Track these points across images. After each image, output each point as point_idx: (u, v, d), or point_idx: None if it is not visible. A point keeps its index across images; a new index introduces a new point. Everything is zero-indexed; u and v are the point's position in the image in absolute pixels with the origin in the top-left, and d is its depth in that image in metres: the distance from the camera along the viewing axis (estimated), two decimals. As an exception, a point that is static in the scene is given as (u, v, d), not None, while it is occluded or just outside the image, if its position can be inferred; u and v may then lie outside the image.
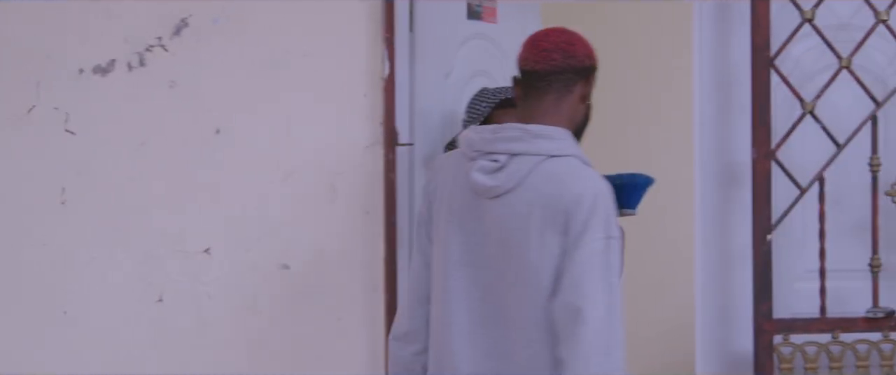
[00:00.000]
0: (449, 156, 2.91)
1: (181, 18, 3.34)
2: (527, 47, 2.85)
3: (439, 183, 2.85)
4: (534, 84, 2.83)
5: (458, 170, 2.82)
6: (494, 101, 3.51)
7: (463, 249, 2.79)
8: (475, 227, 2.78)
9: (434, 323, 2.84)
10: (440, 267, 2.81)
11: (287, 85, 3.33)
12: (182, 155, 3.35)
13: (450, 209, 2.81)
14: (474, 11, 3.82)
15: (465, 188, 2.78)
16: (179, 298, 3.35)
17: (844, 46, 3.70)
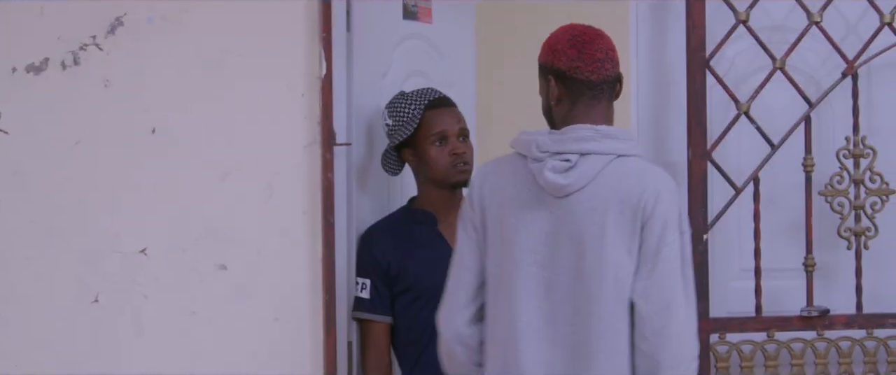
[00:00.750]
0: (498, 162, 2.98)
1: (116, 17, 3.32)
2: (573, 53, 2.91)
3: (492, 188, 2.92)
4: (584, 92, 2.92)
5: (515, 172, 2.90)
6: (423, 103, 3.52)
7: (528, 249, 2.86)
8: (542, 227, 2.86)
9: (496, 324, 2.91)
10: (503, 269, 2.88)
11: (223, 84, 3.31)
12: (118, 154, 3.32)
13: (511, 211, 2.88)
14: (410, 11, 3.82)
15: (529, 188, 2.87)
16: (116, 299, 3.32)
17: (778, 48, 3.74)
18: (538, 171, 2.84)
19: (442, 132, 3.51)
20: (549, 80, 2.94)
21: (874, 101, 3.92)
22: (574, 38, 2.93)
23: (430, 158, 3.51)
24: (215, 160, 3.31)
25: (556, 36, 2.98)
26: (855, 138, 3.76)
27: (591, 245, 2.83)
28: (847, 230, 3.78)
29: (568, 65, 2.90)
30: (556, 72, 2.92)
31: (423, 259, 3.51)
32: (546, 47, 2.98)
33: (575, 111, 2.92)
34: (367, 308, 3.50)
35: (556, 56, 2.92)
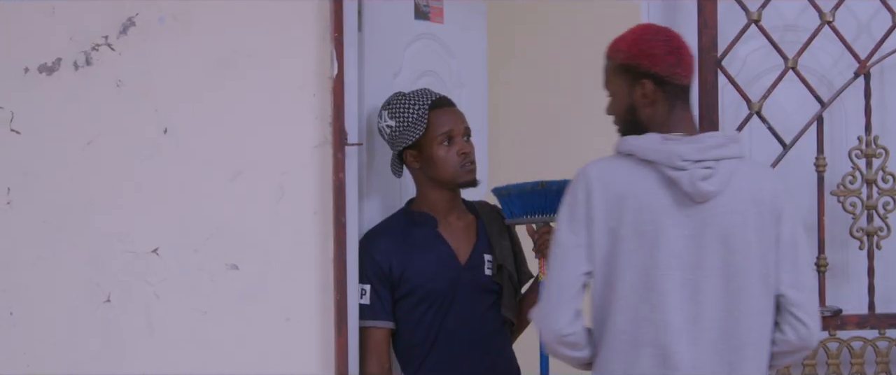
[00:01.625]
0: (607, 165, 3.01)
1: (128, 17, 3.32)
2: (672, 59, 3.01)
3: (615, 193, 2.95)
4: (679, 95, 3.05)
5: (641, 177, 2.96)
6: (427, 104, 3.49)
7: (672, 253, 2.93)
8: (682, 231, 2.94)
9: (640, 326, 2.94)
10: (644, 272, 2.93)
11: (235, 84, 3.31)
12: (129, 154, 3.33)
13: (648, 216, 2.93)
14: (421, 11, 3.82)
15: (664, 194, 2.94)
16: (127, 299, 3.33)
17: (790, 47, 3.73)
18: (681, 179, 2.92)
19: (449, 132, 3.50)
20: (644, 84, 3.02)
21: (886, 101, 3.90)
22: (668, 43, 3.03)
23: (438, 159, 3.49)
24: (226, 160, 3.31)
25: (644, 39, 3.04)
26: (867, 138, 3.75)
27: (738, 245, 2.96)
28: (859, 230, 3.77)
29: (668, 70, 3.01)
30: (654, 76, 3.01)
31: (425, 261, 3.50)
32: (636, 51, 3.03)
33: (674, 114, 3.04)
34: (368, 314, 3.47)
35: (654, 60, 3.00)
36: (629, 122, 3.07)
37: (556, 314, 2.95)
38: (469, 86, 4.04)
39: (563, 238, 2.96)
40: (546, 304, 2.97)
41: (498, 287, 3.59)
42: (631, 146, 2.98)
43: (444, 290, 3.48)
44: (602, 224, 2.93)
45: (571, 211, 2.96)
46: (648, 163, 2.95)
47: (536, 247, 3.58)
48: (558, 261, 2.96)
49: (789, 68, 3.71)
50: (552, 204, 3.50)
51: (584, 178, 2.97)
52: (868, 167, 3.76)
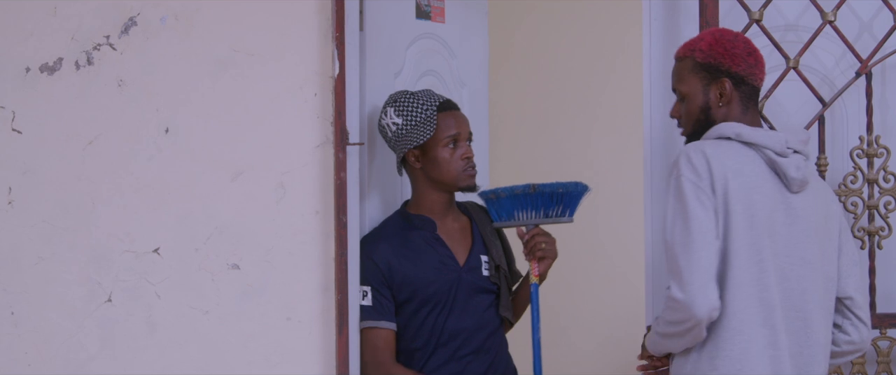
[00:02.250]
0: (717, 145, 3.03)
1: (129, 17, 3.32)
2: (751, 60, 3.14)
3: (732, 171, 2.99)
4: (753, 96, 3.16)
5: (750, 161, 3.03)
6: (435, 105, 3.49)
7: (773, 237, 3.01)
8: (781, 218, 3.03)
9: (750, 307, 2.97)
10: (754, 253, 2.98)
11: (236, 84, 3.31)
12: (130, 154, 3.33)
13: (759, 199, 3.00)
14: (423, 11, 3.82)
15: (771, 180, 3.04)
16: (128, 298, 3.33)
17: (792, 47, 3.73)
18: (787, 166, 3.02)
19: (455, 135, 3.49)
20: (724, 83, 3.11)
21: (888, 101, 3.90)
22: (747, 45, 3.14)
23: (442, 161, 3.48)
24: (228, 159, 3.31)
25: (726, 39, 3.14)
26: (869, 137, 3.75)
27: (815, 241, 3.07)
28: (861, 229, 3.77)
29: (747, 71, 3.12)
30: (734, 76, 3.11)
31: (426, 265, 3.50)
32: (719, 50, 3.11)
33: (747, 116, 3.13)
34: (370, 315, 3.45)
35: (735, 61, 3.10)
36: (701, 122, 3.14)
37: (708, 288, 2.91)
38: (470, 85, 4.04)
39: (694, 210, 2.94)
40: (695, 278, 2.91)
41: (495, 287, 3.59)
42: (733, 129, 3.04)
43: (445, 293, 3.48)
44: (721, 198, 2.95)
45: (696, 184, 2.95)
46: (752, 147, 3.03)
47: (527, 249, 3.58)
48: (695, 234, 2.92)
49: (791, 68, 3.71)
50: (543, 207, 3.51)
51: (701, 154, 2.98)
52: (869, 167, 3.76)
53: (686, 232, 2.93)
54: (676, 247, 2.94)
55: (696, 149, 2.99)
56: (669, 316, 2.99)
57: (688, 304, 2.90)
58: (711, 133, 3.08)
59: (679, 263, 2.92)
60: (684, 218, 2.94)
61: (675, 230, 2.95)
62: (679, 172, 2.98)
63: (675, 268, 2.94)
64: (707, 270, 2.91)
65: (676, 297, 2.92)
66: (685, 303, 2.91)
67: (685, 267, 2.91)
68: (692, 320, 2.93)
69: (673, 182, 2.99)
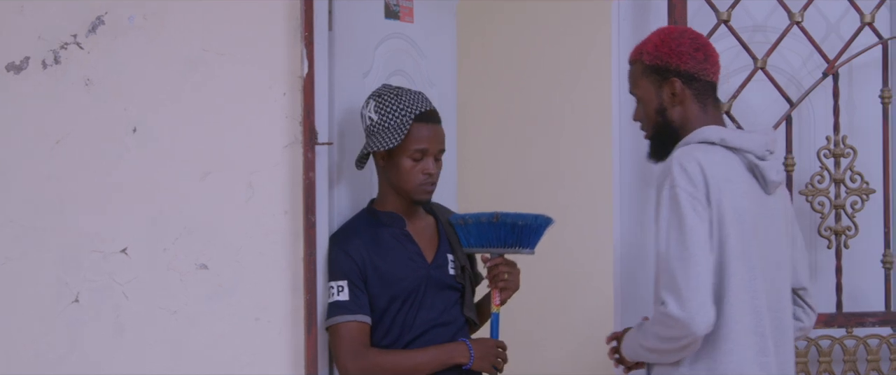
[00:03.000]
0: (707, 151, 2.98)
1: (97, 16, 3.31)
2: (700, 56, 3.07)
3: (723, 177, 2.95)
4: (709, 93, 3.11)
5: (736, 166, 3.01)
6: (414, 114, 3.44)
7: (757, 241, 2.98)
8: (762, 221, 3.01)
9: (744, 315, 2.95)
10: (744, 259, 2.96)
11: (205, 83, 3.30)
12: (98, 153, 3.31)
13: (746, 205, 2.97)
14: (392, 11, 3.82)
15: (753, 184, 3.02)
16: (96, 298, 3.32)
17: (760, 47, 3.75)
18: (768, 169, 3.02)
19: (423, 150, 3.45)
20: (673, 83, 3.07)
21: (855, 101, 3.92)
22: (694, 41, 3.08)
23: (403, 170, 3.45)
24: (196, 159, 3.30)
25: (672, 38, 3.09)
26: (835, 138, 3.77)
27: (783, 239, 3.08)
28: (827, 229, 3.79)
29: (696, 67, 3.06)
30: (683, 75, 3.06)
31: (396, 261, 3.49)
32: (665, 50, 3.07)
33: (707, 112, 3.09)
34: (348, 309, 3.42)
35: (682, 59, 3.06)
36: (660, 124, 3.11)
37: (707, 305, 2.86)
38: (439, 85, 4.04)
39: (692, 223, 2.88)
40: (695, 295, 2.85)
41: (460, 286, 3.60)
42: (717, 134, 3.01)
43: (414, 289, 3.47)
44: (715, 208, 2.92)
45: (692, 195, 2.90)
46: (736, 152, 3.01)
47: (489, 276, 3.58)
48: (692, 248, 2.87)
49: (758, 68, 3.73)
50: (505, 237, 3.50)
51: (694, 162, 2.93)
52: (836, 167, 3.78)
53: (683, 245, 2.87)
54: (673, 261, 2.87)
55: (690, 156, 2.94)
56: (664, 333, 2.92)
57: (687, 322, 2.85)
58: (694, 136, 3.04)
59: (677, 279, 2.86)
60: (681, 231, 2.88)
61: (671, 242, 2.89)
62: (674, 182, 2.91)
63: (673, 284, 2.86)
64: (705, 286, 2.86)
65: (675, 315, 2.85)
66: (684, 321, 2.85)
67: (683, 284, 2.85)
68: (690, 337, 2.89)
69: (668, 191, 2.92)
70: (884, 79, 3.80)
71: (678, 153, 2.97)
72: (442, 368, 3.45)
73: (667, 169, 2.95)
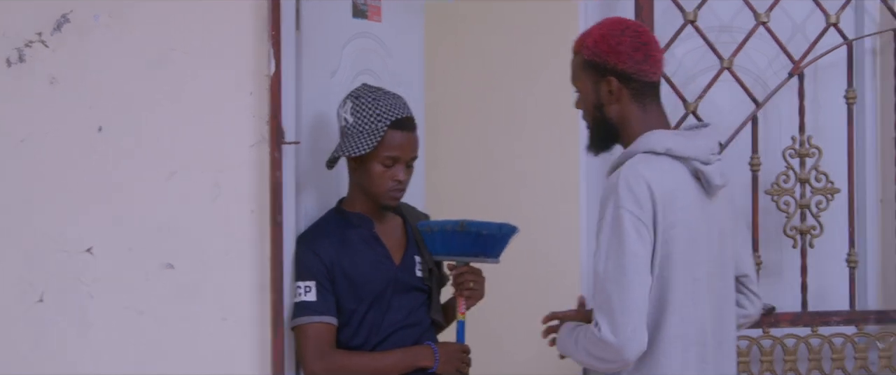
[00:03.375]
0: (652, 165, 2.90)
1: (62, 14, 3.29)
2: (639, 56, 2.97)
3: (668, 193, 2.88)
4: (648, 92, 3.01)
5: (679, 175, 2.93)
6: (390, 120, 3.42)
7: (703, 249, 2.94)
8: (706, 226, 2.95)
9: (690, 325, 2.92)
10: (689, 272, 2.91)
11: (171, 82, 3.29)
12: (63, 152, 3.29)
13: (692, 215, 2.91)
14: (359, 10, 3.81)
15: (696, 191, 2.94)
16: (61, 298, 3.30)
17: (726, 48, 3.77)
18: (712, 174, 2.93)
19: (395, 157, 3.44)
20: (610, 81, 2.98)
21: (820, 101, 3.95)
22: (635, 39, 2.98)
23: (372, 174, 3.44)
24: (162, 158, 3.29)
25: (612, 35, 2.99)
26: (801, 137, 3.79)
27: (729, 237, 3.03)
28: (793, 228, 3.81)
29: (634, 68, 2.96)
30: (620, 74, 2.97)
31: (364, 262, 3.48)
32: (604, 47, 2.98)
33: (649, 112, 3.00)
34: (315, 310, 3.41)
35: (621, 58, 2.96)
36: (599, 119, 3.04)
37: (639, 330, 2.83)
38: (406, 84, 4.04)
39: (632, 247, 2.83)
40: (629, 321, 2.82)
41: (427, 288, 3.60)
42: (663, 144, 2.92)
43: (381, 291, 3.47)
44: (660, 227, 2.86)
45: (637, 217, 2.85)
46: (681, 160, 2.93)
47: (455, 284, 3.58)
48: (630, 273, 2.83)
49: (725, 68, 3.75)
50: (470, 246, 3.50)
51: (642, 181, 2.86)
52: (801, 166, 3.80)
53: (621, 269, 2.83)
54: (610, 284, 2.84)
55: (636, 174, 2.87)
56: (595, 352, 2.90)
57: (619, 348, 2.83)
58: (640, 144, 2.96)
59: (612, 303, 2.83)
60: (620, 254, 2.83)
61: (609, 264, 2.85)
62: (619, 202, 2.85)
63: (608, 308, 2.84)
64: (640, 311, 2.83)
65: (608, 340, 2.83)
66: (617, 347, 2.83)
67: (618, 309, 2.82)
68: (620, 362, 2.87)
69: (611, 211, 2.87)
70: (848, 79, 3.82)
71: (625, 169, 2.89)
72: (407, 371, 3.45)
73: (613, 185, 2.89)
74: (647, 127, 2.98)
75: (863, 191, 3.95)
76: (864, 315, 3.82)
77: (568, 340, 3.07)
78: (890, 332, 3.87)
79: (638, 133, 2.98)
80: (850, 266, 3.83)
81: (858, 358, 3.86)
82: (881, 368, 3.88)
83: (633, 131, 2.99)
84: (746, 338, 3.79)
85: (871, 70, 3.96)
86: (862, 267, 3.94)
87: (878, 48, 3.95)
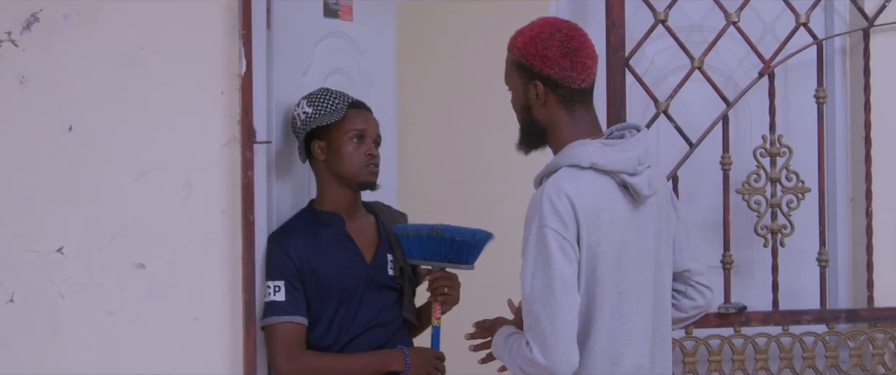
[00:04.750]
0: (578, 180, 2.84)
1: (31, 13, 3.28)
2: (566, 62, 2.89)
3: (593, 209, 2.82)
4: (576, 98, 2.93)
5: (604, 188, 2.87)
6: (348, 100, 3.48)
7: (632, 261, 2.89)
8: (636, 237, 2.89)
9: (632, 340, 2.89)
10: (616, 286, 2.86)
11: (141, 81, 3.28)
12: (33, 152, 3.28)
13: (620, 229, 2.86)
14: (331, 9, 3.81)
15: (624, 203, 2.88)
16: (31, 298, 3.29)
17: (697, 47, 3.78)
18: (640, 185, 2.87)
19: (362, 131, 3.48)
20: (536, 85, 2.92)
21: (790, 101, 3.96)
22: (564, 45, 2.89)
23: (345, 153, 3.46)
24: (133, 158, 3.28)
25: (541, 38, 2.91)
26: (771, 137, 3.80)
27: (664, 240, 2.99)
28: (764, 227, 3.82)
29: (561, 74, 2.89)
30: (546, 79, 2.91)
31: (335, 260, 3.48)
32: (532, 51, 2.91)
33: (576, 118, 2.94)
34: (285, 310, 3.40)
35: (546, 63, 2.89)
36: (528, 121, 2.99)
37: (570, 352, 2.79)
38: (378, 84, 4.04)
39: (560, 267, 2.79)
40: (559, 342, 2.78)
41: (399, 287, 3.60)
42: (588, 158, 2.85)
43: (353, 289, 3.47)
44: (585, 243, 2.82)
45: (562, 236, 2.80)
46: (606, 173, 2.87)
47: (430, 289, 3.59)
48: (558, 293, 2.78)
49: (695, 68, 3.75)
50: (445, 251, 3.51)
51: (565, 198, 2.81)
52: (772, 165, 3.81)
53: (549, 290, 2.78)
54: (537, 305, 2.79)
55: (559, 191, 2.81)
56: (528, 370, 2.85)
57: (550, 370, 2.79)
58: (564, 157, 2.90)
59: (542, 325, 2.78)
60: (547, 274, 2.78)
61: (535, 285, 2.79)
62: (544, 221, 2.80)
63: (538, 329, 2.79)
64: (570, 331, 2.79)
65: (539, 362, 2.78)
66: (548, 368, 2.79)
67: (549, 331, 2.77)
68: None
69: (536, 230, 2.81)
70: (818, 78, 3.84)
71: (548, 186, 2.84)
72: (377, 373, 3.45)
73: (537, 203, 2.84)
74: (576, 134, 2.92)
75: (833, 190, 3.96)
76: (835, 314, 3.84)
77: (503, 348, 3.03)
78: (860, 331, 3.89)
79: (565, 139, 2.93)
80: (820, 265, 3.84)
81: (829, 357, 3.88)
82: (851, 367, 3.89)
83: (560, 137, 2.94)
84: (718, 337, 3.80)
85: (841, 69, 3.98)
86: (832, 266, 3.96)
87: (847, 48, 3.97)
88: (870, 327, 3.90)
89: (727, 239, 3.78)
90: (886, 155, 3.87)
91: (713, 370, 3.80)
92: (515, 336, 2.99)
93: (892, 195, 3.89)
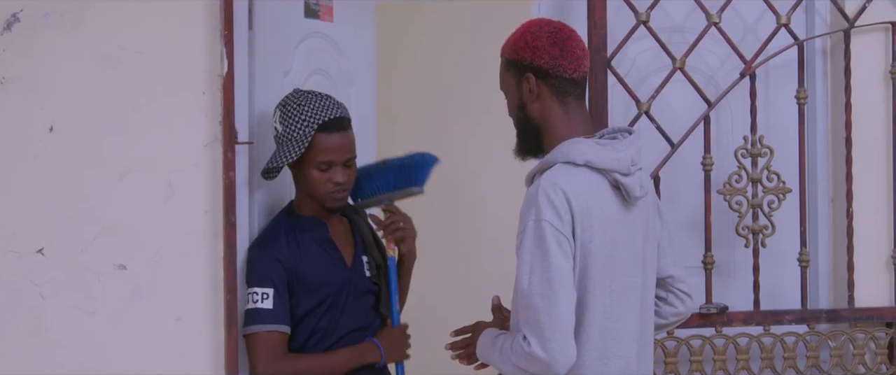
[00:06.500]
0: (572, 177, 2.87)
1: (12, 14, 3.27)
2: (555, 51, 2.94)
3: (587, 207, 2.85)
4: (568, 90, 2.97)
5: (598, 187, 2.90)
6: (317, 123, 3.36)
7: (622, 261, 2.92)
8: (626, 237, 2.93)
9: (622, 339, 2.93)
10: (607, 285, 2.89)
11: (122, 82, 3.28)
12: (14, 152, 3.27)
13: (613, 228, 2.89)
14: (311, 10, 3.81)
15: (616, 203, 2.91)
16: (12, 299, 3.28)
17: (678, 48, 3.78)
18: (632, 185, 2.90)
19: (329, 161, 3.40)
20: (528, 79, 2.97)
21: (771, 101, 3.97)
22: (552, 35, 2.96)
23: (311, 180, 3.41)
24: (114, 158, 3.28)
25: (530, 33, 2.98)
26: (753, 137, 3.81)
27: (650, 244, 3.02)
28: (745, 228, 3.82)
29: (551, 63, 2.94)
30: (537, 70, 2.95)
31: (319, 266, 3.47)
32: (522, 44, 2.97)
33: (569, 111, 2.97)
34: (270, 319, 3.35)
35: (537, 53, 2.95)
36: (522, 120, 3.02)
37: (568, 345, 2.82)
38: (358, 84, 4.04)
39: (556, 260, 2.81)
40: (557, 335, 2.81)
41: (376, 287, 3.60)
42: (583, 156, 2.88)
43: (336, 294, 3.46)
44: (579, 239, 2.84)
45: (558, 230, 2.82)
46: (600, 171, 2.89)
47: (387, 232, 3.59)
48: (556, 287, 2.81)
49: (677, 68, 3.76)
50: (394, 180, 3.56)
51: (560, 193, 2.84)
52: (753, 166, 3.82)
53: (547, 284, 2.81)
54: (536, 299, 2.81)
55: (555, 186, 2.85)
56: (524, 366, 2.87)
57: (549, 363, 2.81)
58: (559, 153, 2.93)
59: (540, 318, 2.81)
60: (545, 269, 2.81)
61: (534, 280, 2.82)
62: (540, 214, 2.83)
63: (536, 323, 2.81)
64: (568, 325, 2.82)
65: (538, 356, 2.81)
66: (546, 362, 2.81)
67: (547, 325, 2.80)
68: (553, 373, 2.85)
69: (532, 224, 2.84)
70: (799, 79, 3.84)
71: (544, 181, 2.87)
72: (355, 368, 3.45)
73: (532, 198, 2.87)
74: (570, 131, 2.96)
75: (814, 191, 3.97)
76: (816, 314, 3.85)
77: (491, 350, 3.03)
78: (841, 331, 3.90)
79: (560, 136, 2.96)
80: (801, 265, 3.85)
81: (810, 357, 3.88)
82: (832, 366, 3.90)
83: (555, 134, 2.97)
84: (699, 337, 3.81)
85: (822, 70, 3.99)
86: (813, 267, 3.97)
87: (828, 49, 3.98)
88: (850, 327, 3.91)
89: (709, 240, 3.79)
90: (867, 155, 3.88)
91: (694, 370, 3.81)
92: (504, 335, 3.01)
93: (873, 195, 3.90)
